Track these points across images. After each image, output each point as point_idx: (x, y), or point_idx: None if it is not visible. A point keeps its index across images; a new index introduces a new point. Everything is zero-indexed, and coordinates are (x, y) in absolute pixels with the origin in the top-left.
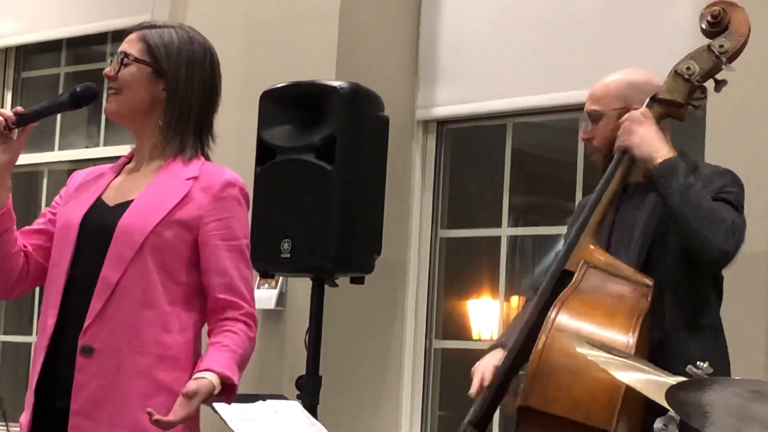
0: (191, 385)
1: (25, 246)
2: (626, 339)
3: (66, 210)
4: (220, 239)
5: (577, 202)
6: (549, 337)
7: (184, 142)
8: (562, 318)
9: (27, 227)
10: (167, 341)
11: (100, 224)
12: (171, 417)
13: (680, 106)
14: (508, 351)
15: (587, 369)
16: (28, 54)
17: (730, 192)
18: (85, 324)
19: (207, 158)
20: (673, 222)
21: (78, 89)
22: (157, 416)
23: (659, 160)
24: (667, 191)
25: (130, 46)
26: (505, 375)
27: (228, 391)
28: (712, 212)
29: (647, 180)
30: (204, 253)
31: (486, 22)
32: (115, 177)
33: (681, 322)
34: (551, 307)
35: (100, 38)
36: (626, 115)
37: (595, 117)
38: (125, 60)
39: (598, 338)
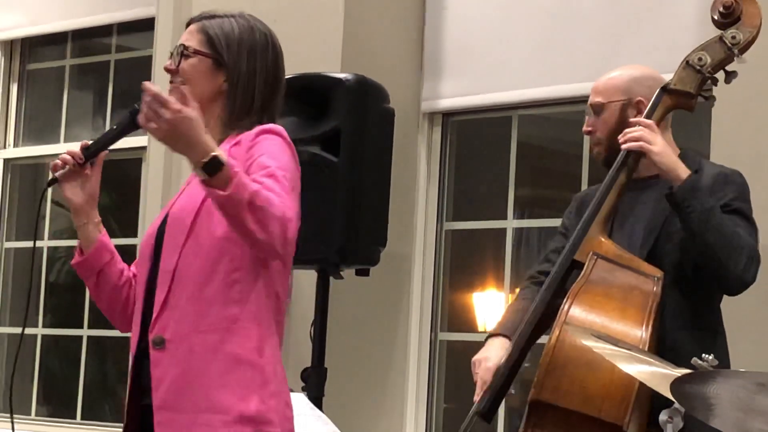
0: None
1: (134, 275)
2: (640, 333)
3: (150, 226)
4: (260, 168)
5: None
6: (562, 331)
7: (244, 129)
8: (575, 311)
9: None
10: (232, 313)
11: (164, 224)
12: (154, 87)
13: (691, 97)
14: (515, 343)
15: (601, 363)
16: (33, 46)
17: (740, 201)
18: (153, 316)
19: None
20: (692, 246)
21: (138, 106)
22: (149, 85)
23: (682, 178)
24: (689, 216)
25: (190, 37)
26: (513, 365)
27: (221, 179)
28: (734, 240)
29: (651, 176)
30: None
31: (491, 13)
32: (188, 183)
33: (680, 322)
34: (564, 300)
35: (105, 30)
36: (637, 119)
37: (598, 109)
38: (185, 52)
39: (612, 332)
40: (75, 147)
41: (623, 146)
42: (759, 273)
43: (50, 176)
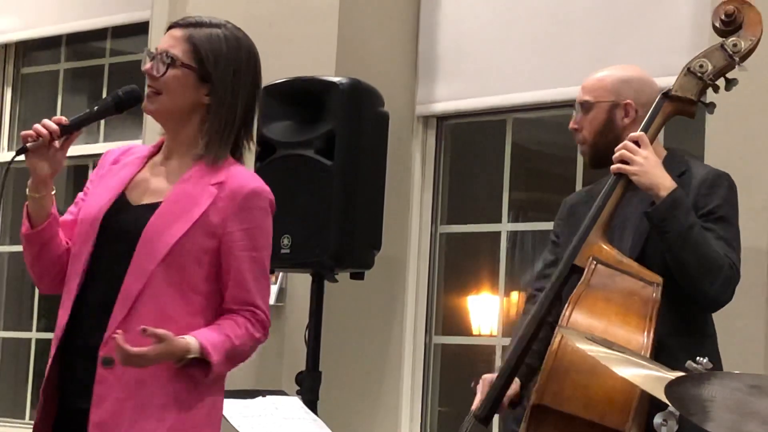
0: (167, 333)
1: (67, 242)
2: (642, 339)
3: (89, 201)
4: (243, 250)
5: None
6: (564, 336)
7: (223, 148)
8: (577, 316)
9: (62, 218)
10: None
11: (122, 227)
12: (130, 349)
13: (692, 104)
14: (514, 347)
15: (603, 369)
16: (27, 50)
17: (726, 207)
18: (106, 335)
19: (240, 159)
20: (670, 263)
21: (121, 93)
22: (121, 342)
23: (661, 196)
24: (666, 236)
25: (175, 45)
26: (511, 369)
27: (203, 368)
28: (710, 260)
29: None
30: (225, 261)
31: (486, 17)
32: (140, 170)
33: (672, 328)
34: (565, 306)
35: (99, 34)
36: (622, 144)
37: (586, 107)
38: (172, 63)
39: (612, 337)
40: (52, 124)
41: (611, 168)
42: (753, 275)
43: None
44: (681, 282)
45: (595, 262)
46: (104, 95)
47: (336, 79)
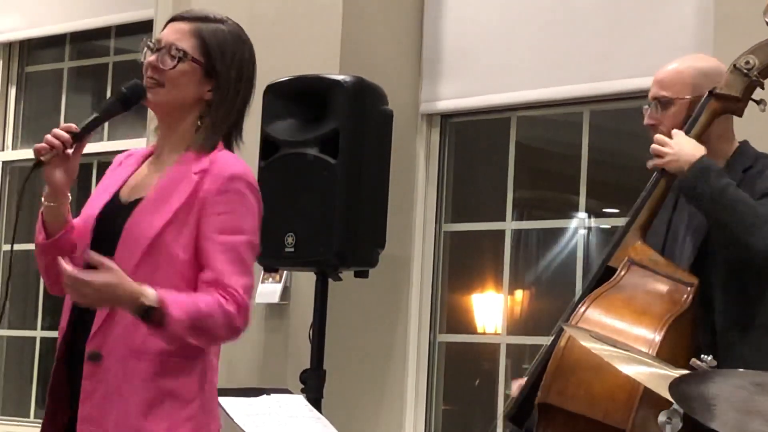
0: (115, 265)
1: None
2: (652, 336)
3: (88, 205)
4: (217, 232)
5: (581, 196)
6: (572, 335)
7: (215, 139)
8: (590, 314)
9: (75, 221)
10: (171, 346)
11: (109, 224)
12: (73, 272)
13: (738, 101)
14: (545, 348)
15: (607, 367)
16: (31, 49)
17: None
18: (93, 330)
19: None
20: (713, 231)
21: (125, 90)
22: (64, 266)
23: (686, 168)
24: (699, 201)
25: (182, 38)
26: (542, 369)
27: (156, 321)
28: (749, 214)
29: None
30: (200, 245)
31: (490, 15)
32: (137, 169)
33: (732, 322)
34: (580, 304)
35: (103, 33)
36: (656, 136)
37: (665, 103)
38: (183, 57)
39: (622, 335)
40: (63, 133)
41: (647, 165)
42: None
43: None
44: (729, 247)
45: (629, 263)
46: (108, 93)
47: (340, 78)
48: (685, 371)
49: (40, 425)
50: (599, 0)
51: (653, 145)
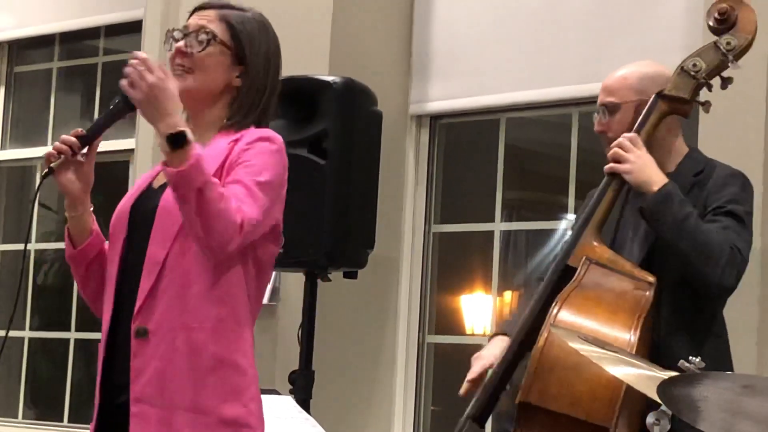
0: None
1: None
2: (628, 336)
3: (125, 197)
4: (240, 175)
5: (570, 197)
6: (550, 334)
7: (246, 125)
8: (564, 314)
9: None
10: (218, 313)
11: (146, 207)
12: (145, 55)
13: (685, 103)
14: (509, 345)
15: (588, 366)
16: (21, 49)
17: (735, 203)
18: (137, 306)
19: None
20: (672, 255)
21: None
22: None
23: (653, 190)
24: (661, 228)
25: (210, 23)
26: (506, 369)
27: (179, 153)
28: (708, 246)
29: None
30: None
31: (479, 16)
32: None
33: (679, 325)
34: (553, 304)
35: (93, 33)
36: (614, 142)
37: (612, 109)
38: (212, 39)
39: (600, 335)
40: (71, 138)
41: (604, 168)
42: (745, 274)
43: (43, 168)
44: (686, 275)
45: (588, 262)
46: (97, 94)
47: (329, 78)
48: (673, 373)
49: (28, 425)
50: (588, 2)
51: (615, 149)
